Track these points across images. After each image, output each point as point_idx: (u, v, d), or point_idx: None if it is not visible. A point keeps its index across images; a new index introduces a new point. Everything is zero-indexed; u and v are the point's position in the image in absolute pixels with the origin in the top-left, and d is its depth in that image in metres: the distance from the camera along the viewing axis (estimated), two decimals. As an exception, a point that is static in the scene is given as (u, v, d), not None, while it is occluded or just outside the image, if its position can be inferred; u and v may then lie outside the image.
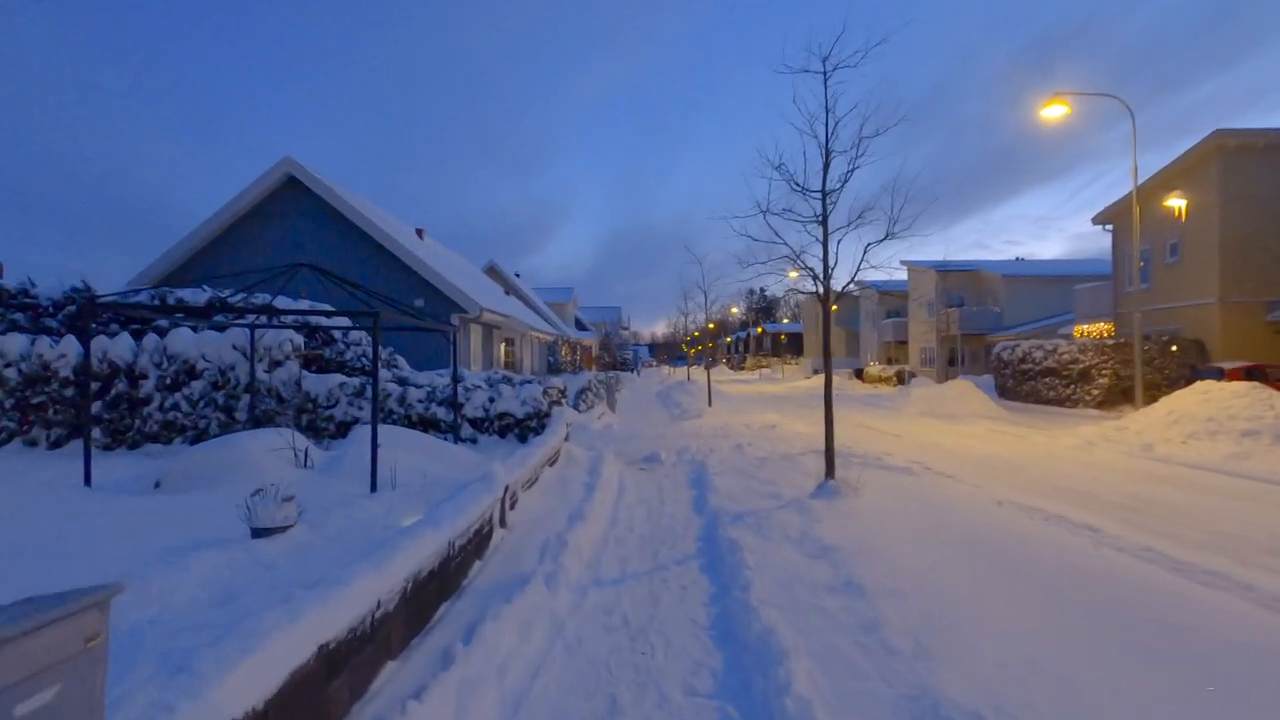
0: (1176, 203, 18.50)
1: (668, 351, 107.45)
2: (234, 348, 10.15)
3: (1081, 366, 21.36)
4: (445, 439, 10.36)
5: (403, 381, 16.45)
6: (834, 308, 8.11)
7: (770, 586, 4.61)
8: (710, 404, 20.89)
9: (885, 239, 7.63)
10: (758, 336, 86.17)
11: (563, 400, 16.67)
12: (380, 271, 20.14)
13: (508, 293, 34.78)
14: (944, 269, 40.09)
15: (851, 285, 7.81)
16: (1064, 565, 5.04)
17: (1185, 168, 20.91)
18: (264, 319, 9.48)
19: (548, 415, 10.67)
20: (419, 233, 27.33)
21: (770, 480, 8.54)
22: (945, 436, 14.46)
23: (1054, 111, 14.49)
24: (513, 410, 10.53)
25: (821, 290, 7.85)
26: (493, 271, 44.81)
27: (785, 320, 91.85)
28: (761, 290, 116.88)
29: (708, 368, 23.26)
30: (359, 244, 20.19)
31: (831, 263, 7.71)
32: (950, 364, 39.93)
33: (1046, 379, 22.95)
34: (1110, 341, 21.19)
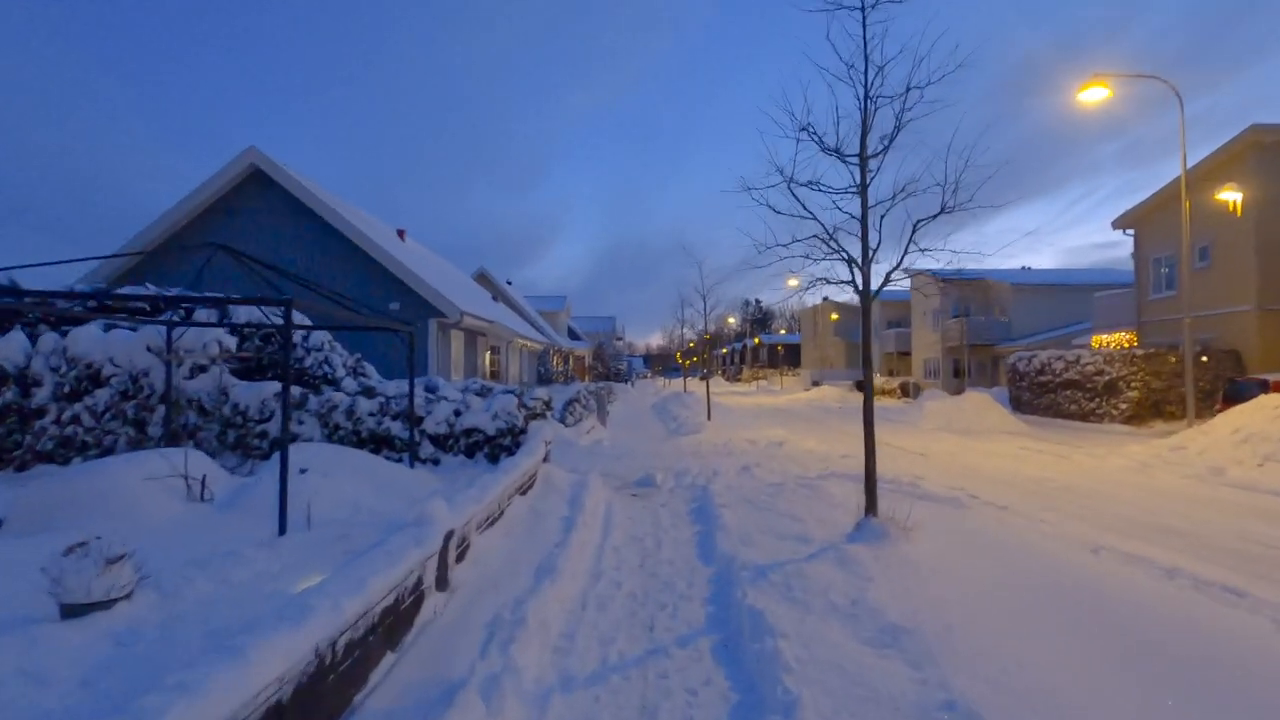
0: (1231, 196, 17.06)
1: (662, 363, 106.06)
2: (149, 349, 8.50)
3: (1108, 378, 19.87)
4: (401, 460, 8.73)
5: (369, 392, 14.81)
6: (834, 316, 6.58)
7: (827, 708, 3.00)
8: (709, 417, 19.30)
9: (939, 214, 6.09)
10: (754, 347, 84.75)
11: (547, 413, 15.04)
12: (354, 272, 18.57)
13: (495, 299, 33.23)
14: (948, 277, 38.70)
15: (899, 273, 6.24)
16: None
17: (1217, 166, 19.55)
18: (175, 314, 7.86)
19: (523, 431, 9.06)
20: (400, 234, 25.81)
21: (792, 514, 6.92)
22: (975, 456, 12.88)
23: (1093, 94, 13.06)
24: (482, 426, 8.91)
25: (859, 281, 6.29)
26: (483, 278, 43.29)
27: (782, 331, 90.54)
28: (757, 301, 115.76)
29: (706, 379, 21.66)
30: (332, 243, 18.62)
31: (872, 243, 6.16)
32: (955, 376, 38.46)
33: (1068, 391, 21.46)
34: (1139, 351, 19.72)
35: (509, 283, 47.64)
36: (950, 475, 10.29)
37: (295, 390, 8.91)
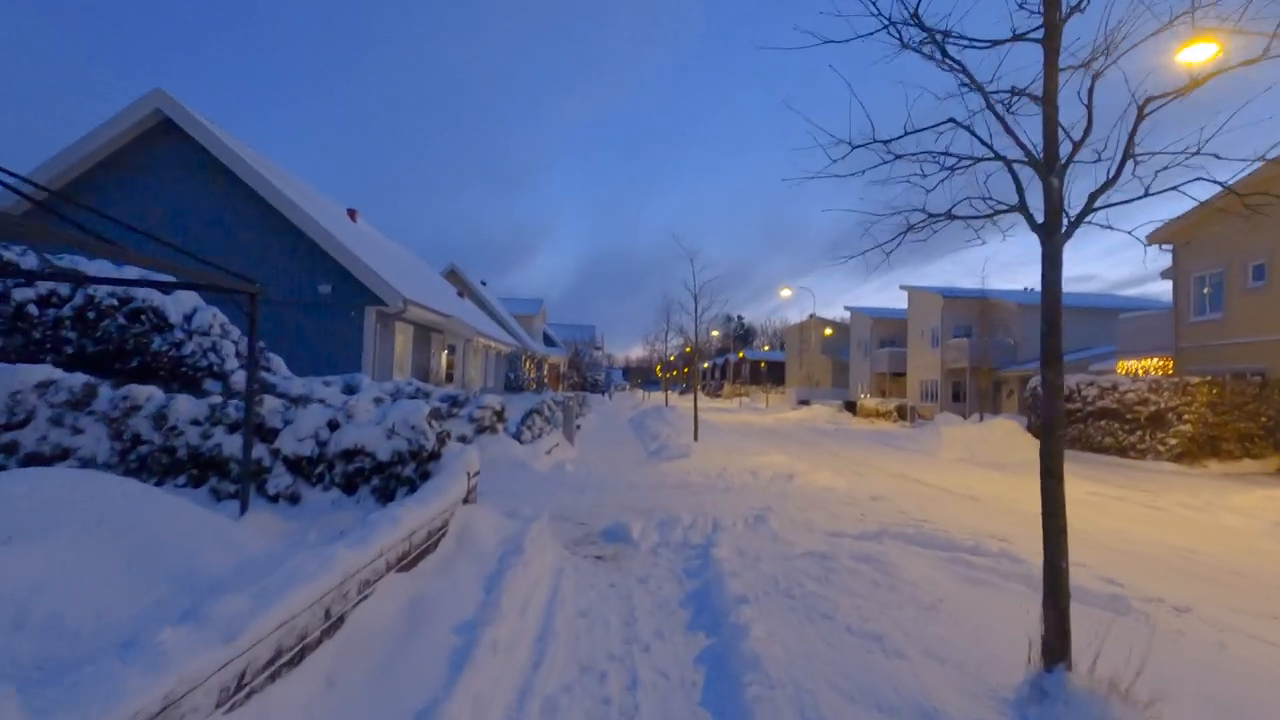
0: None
1: (642, 376, 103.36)
2: None
3: (1153, 409, 17.29)
4: (236, 498, 5.59)
5: (270, 390, 11.74)
6: (827, 331, 3.84)
7: None
8: (696, 437, 16.33)
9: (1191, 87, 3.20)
10: (737, 363, 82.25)
11: (498, 426, 11.96)
12: (280, 247, 15.43)
13: (462, 295, 30.06)
14: (950, 295, 36.38)
15: (1126, 179, 3.29)
16: None
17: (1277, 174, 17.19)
18: None
19: (435, 456, 5.97)
20: (351, 214, 22.68)
21: (871, 630, 3.92)
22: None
23: (1199, 52, 10.44)
24: (370, 445, 5.80)
25: (1042, 203, 3.37)
26: (453, 275, 40.17)
27: (765, 348, 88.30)
28: (739, 317, 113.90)
29: (692, 393, 18.72)
30: (251, 211, 15.47)
31: (1072, 131, 3.24)
32: (955, 400, 36.02)
33: (1102, 422, 18.88)
34: (1194, 379, 17.16)
35: (483, 283, 44.55)
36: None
37: (77, 379, 5.72)
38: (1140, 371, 22.65)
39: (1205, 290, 20.08)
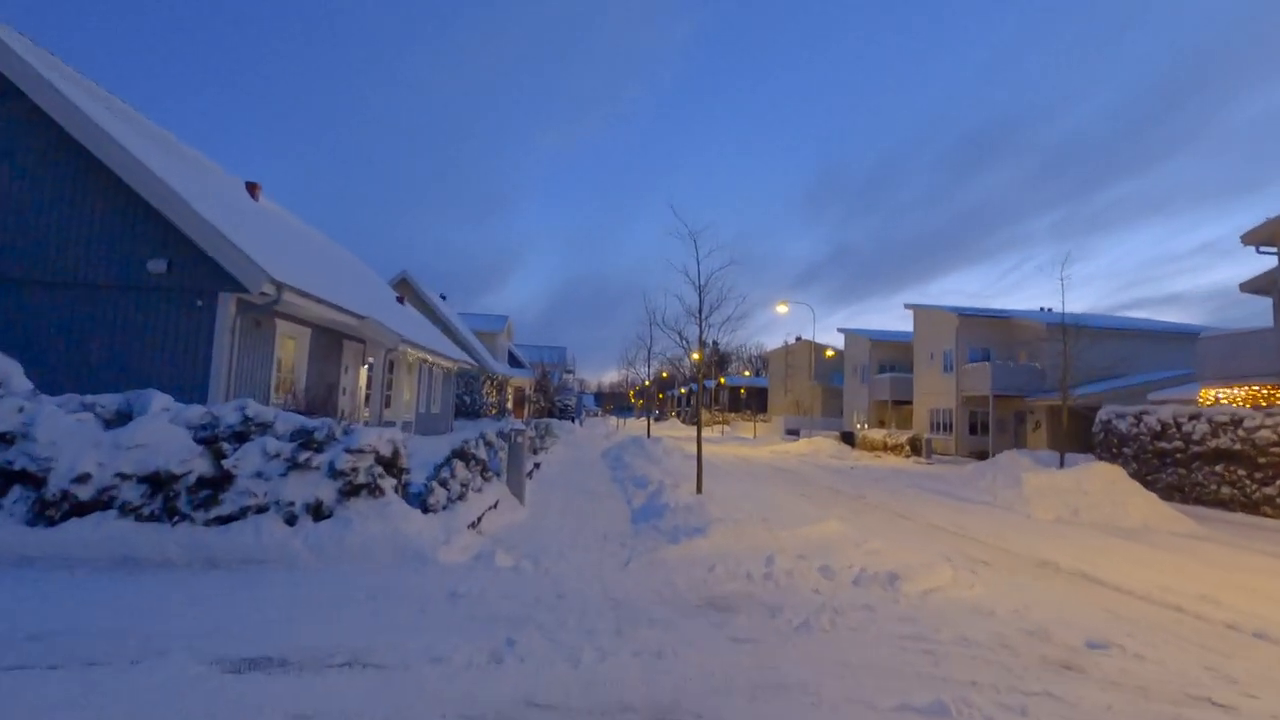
0: None
1: (614, 402, 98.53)
2: None
3: (1304, 452, 12.99)
4: None
5: None
6: (829, 353, 1.74)
7: None
8: (700, 488, 11.48)
9: None
10: (716, 389, 77.76)
11: (383, 484, 6.99)
12: (90, 201, 10.35)
13: (401, 300, 24.93)
14: (967, 314, 32.41)
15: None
16: None
17: None
18: None
19: None
20: (251, 188, 17.46)
21: None
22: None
23: None
24: None
25: None
26: (405, 284, 34.92)
27: (747, 373, 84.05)
28: (714, 342, 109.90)
29: (696, 422, 13.89)
30: (53, 152, 10.40)
31: None
32: (972, 432, 31.82)
33: (1217, 467, 14.56)
34: (1367, 413, 12.89)
35: (443, 296, 39.43)
36: None
37: None
38: (1233, 400, 18.55)
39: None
